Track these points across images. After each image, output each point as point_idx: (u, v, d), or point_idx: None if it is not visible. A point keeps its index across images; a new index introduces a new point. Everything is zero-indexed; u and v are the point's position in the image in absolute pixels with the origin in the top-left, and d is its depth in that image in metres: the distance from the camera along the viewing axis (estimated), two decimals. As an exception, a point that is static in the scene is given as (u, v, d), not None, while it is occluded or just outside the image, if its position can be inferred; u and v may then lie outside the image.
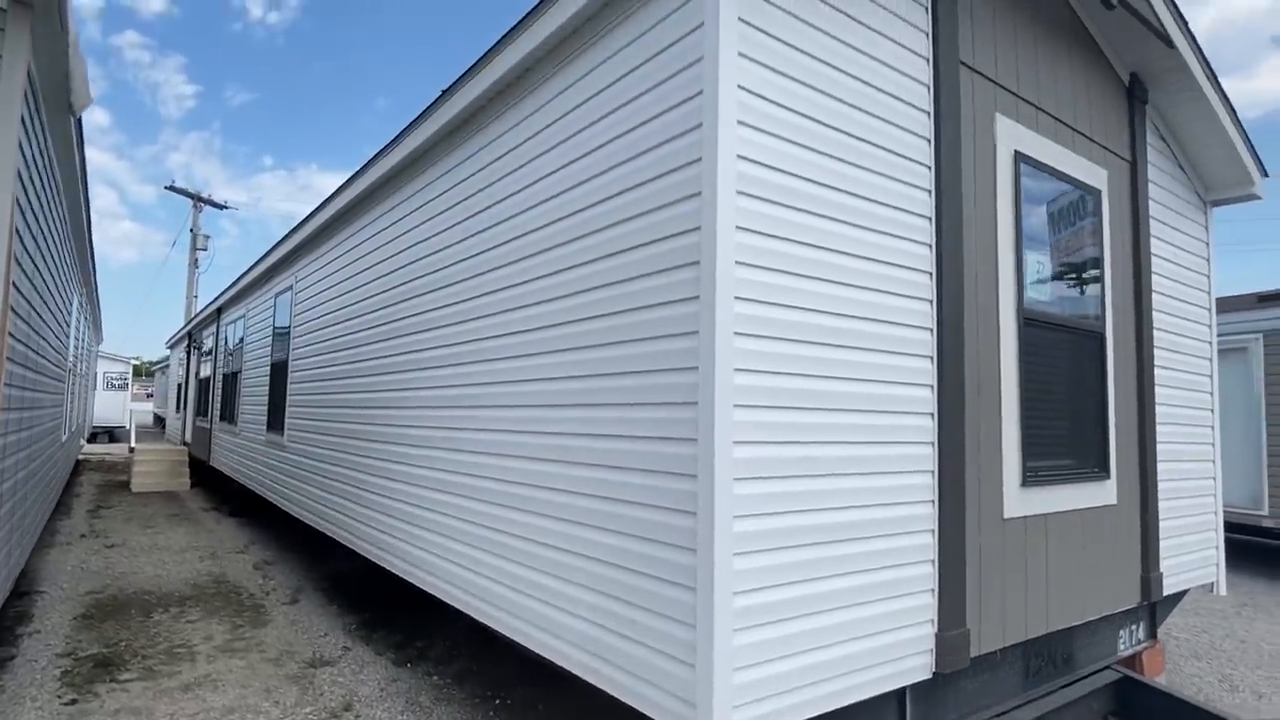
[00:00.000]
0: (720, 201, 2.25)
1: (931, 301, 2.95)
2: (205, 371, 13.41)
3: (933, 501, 2.89)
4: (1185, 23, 4.07)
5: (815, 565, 2.47)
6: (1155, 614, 4.32)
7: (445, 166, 4.22)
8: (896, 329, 2.82)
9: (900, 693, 2.79)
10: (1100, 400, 3.88)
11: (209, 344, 13.28)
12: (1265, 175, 4.96)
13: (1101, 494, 3.82)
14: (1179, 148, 4.80)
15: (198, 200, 25.83)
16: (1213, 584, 4.88)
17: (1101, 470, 3.83)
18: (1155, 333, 4.34)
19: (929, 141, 3.01)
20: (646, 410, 2.48)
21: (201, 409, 13.61)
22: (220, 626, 5.67)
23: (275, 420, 7.77)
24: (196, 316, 14.48)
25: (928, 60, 3.04)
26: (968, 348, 3.08)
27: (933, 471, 2.90)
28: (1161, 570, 4.20)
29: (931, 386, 2.92)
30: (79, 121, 4.23)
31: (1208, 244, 5.05)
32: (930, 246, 2.97)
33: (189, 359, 15.93)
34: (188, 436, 15.34)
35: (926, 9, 3.05)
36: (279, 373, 7.79)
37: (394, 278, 4.87)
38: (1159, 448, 4.28)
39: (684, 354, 2.34)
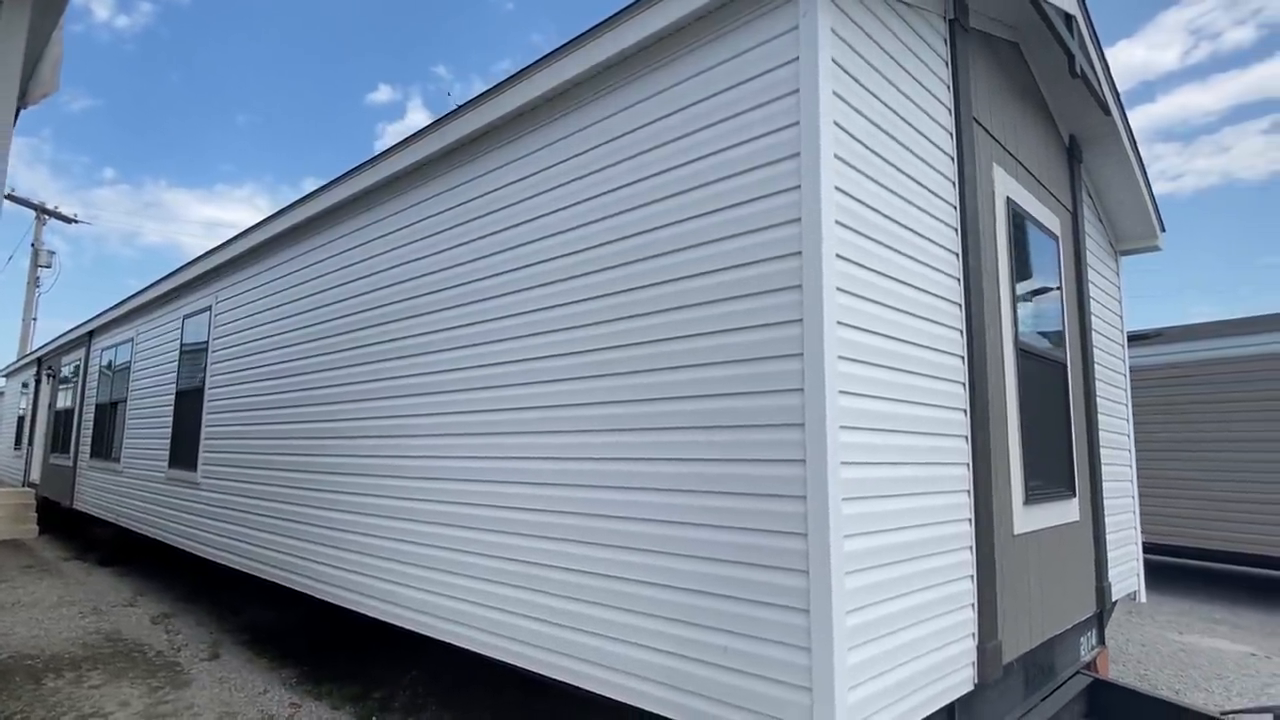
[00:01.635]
0: (824, 230, 2.33)
1: (961, 331, 3.16)
2: (65, 402, 11.90)
3: (969, 519, 3.06)
4: (1118, 95, 4.65)
5: (893, 584, 2.55)
6: (1103, 620, 4.75)
7: (447, 184, 4.07)
8: (939, 355, 2.99)
9: (951, 707, 2.90)
10: (1065, 423, 4.27)
11: (70, 369, 11.83)
12: (1163, 230, 5.70)
13: (1070, 511, 4.18)
14: (1100, 203, 5.43)
15: (41, 212, 23.12)
16: (1135, 592, 5.43)
17: (1069, 489, 4.20)
18: (1095, 365, 4.84)
19: (953, 184, 3.25)
20: (742, 433, 2.48)
21: (58, 444, 12.04)
22: (134, 690, 4.99)
23: (183, 454, 7.01)
24: (55, 341, 12.87)
25: (949, 110, 3.30)
26: (991, 373, 3.31)
27: (968, 490, 3.08)
28: (1110, 580, 4.64)
29: (965, 410, 3.12)
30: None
31: (1119, 287, 5.72)
32: (959, 280, 3.19)
33: (38, 388, 14.09)
34: (36, 476, 13.49)
35: (946, 63, 3.32)
36: (188, 402, 7.07)
37: (378, 297, 4.58)
38: (1103, 468, 4.74)
39: (787, 375, 2.37)
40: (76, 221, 24.12)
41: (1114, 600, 4.86)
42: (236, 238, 6.29)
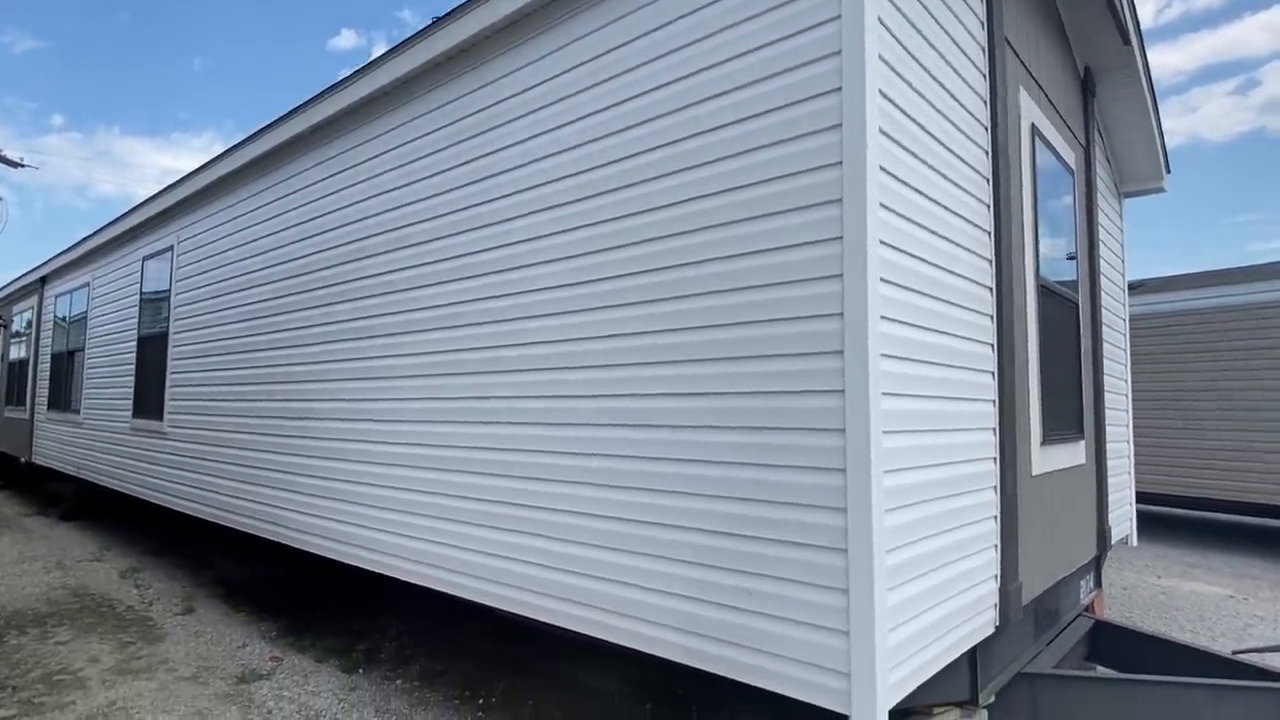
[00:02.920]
0: (867, 138, 2.10)
1: (990, 261, 2.98)
2: (19, 353, 11.34)
3: (994, 458, 2.93)
4: (1138, 24, 4.43)
5: (928, 523, 2.40)
6: (1101, 563, 4.73)
7: (438, 100, 3.74)
8: (971, 284, 2.81)
9: (973, 650, 2.80)
10: (1076, 364, 4.16)
11: (24, 321, 11.24)
12: (1169, 171, 5.56)
13: (1079, 454, 4.09)
14: (1109, 140, 5.25)
15: (-16, 155, 21.82)
16: (1127, 536, 5.43)
17: (1079, 431, 4.10)
18: (1102, 309, 4.72)
19: (985, 102, 3.03)
20: (771, 363, 2.28)
21: (14, 397, 11.51)
22: (105, 646, 4.76)
23: (148, 403, 6.66)
24: (5, 289, 12.22)
25: (982, 23, 3.06)
26: (1015, 308, 3.14)
27: (994, 429, 2.93)
28: (1110, 523, 4.60)
29: (992, 345, 2.95)
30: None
31: (1123, 231, 5.60)
32: (989, 206, 2.99)
33: (-12, 339, 13.42)
34: (-11, 431, 12.94)
35: (979, -28, 3.06)
36: (152, 348, 6.68)
37: (358, 229, 4.27)
38: (1106, 412, 4.66)
39: (825, 299, 2.17)
40: (22, 166, 22.84)
41: (1112, 543, 4.84)
42: (201, 169, 5.86)
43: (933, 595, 2.41)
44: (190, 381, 6.00)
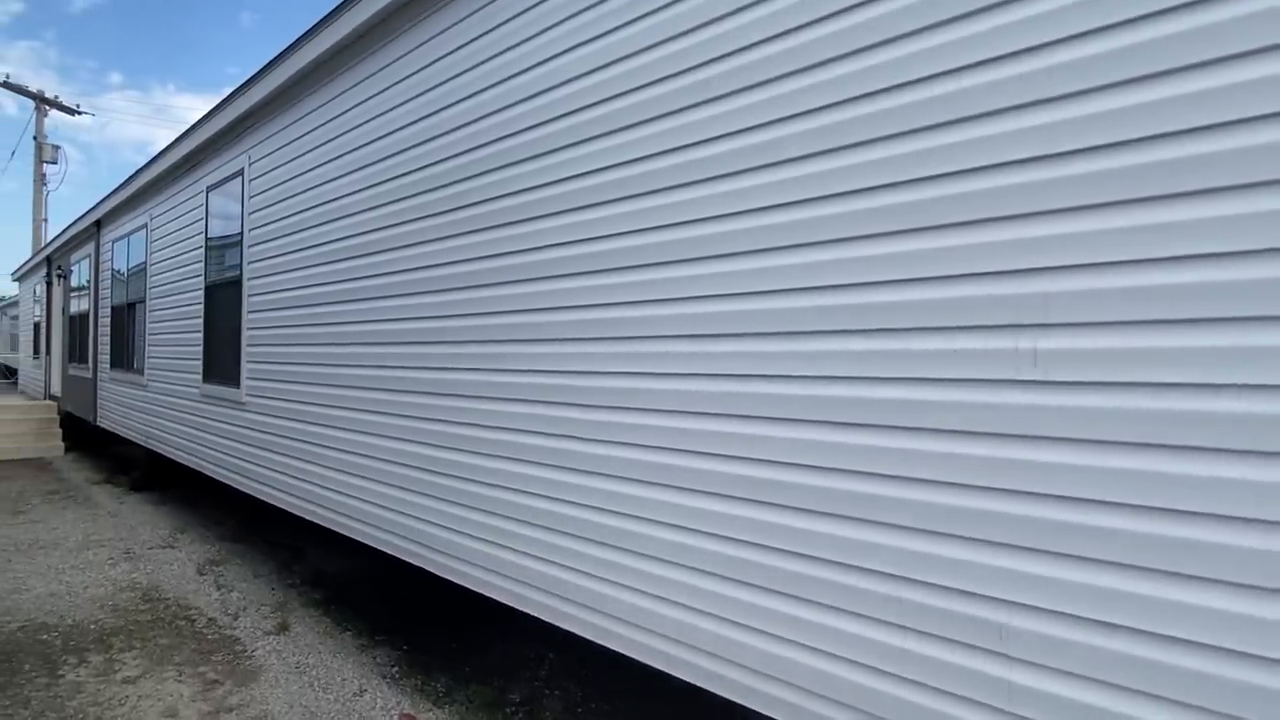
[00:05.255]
0: None
1: None
2: (81, 306, 10.44)
3: None
4: None
5: None
6: None
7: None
8: None
9: None
10: None
11: (84, 270, 10.29)
12: None
13: None
14: None
15: (41, 101, 21.16)
16: None
17: None
18: None
19: None
20: None
21: (77, 354, 10.67)
22: (184, 687, 3.63)
23: (221, 365, 5.49)
24: (60, 236, 11.31)
25: None
26: None
27: None
28: None
29: None
30: None
31: None
32: None
33: (50, 291, 12.66)
34: (56, 389, 12.24)
35: None
36: (223, 298, 5.48)
37: (523, 114, 2.85)
38: None
39: None
40: (79, 113, 22.19)
41: None
42: (275, 62, 4.49)
43: None
44: (274, 340, 4.76)
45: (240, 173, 5.21)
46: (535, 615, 2.79)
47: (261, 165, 4.94)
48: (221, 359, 5.47)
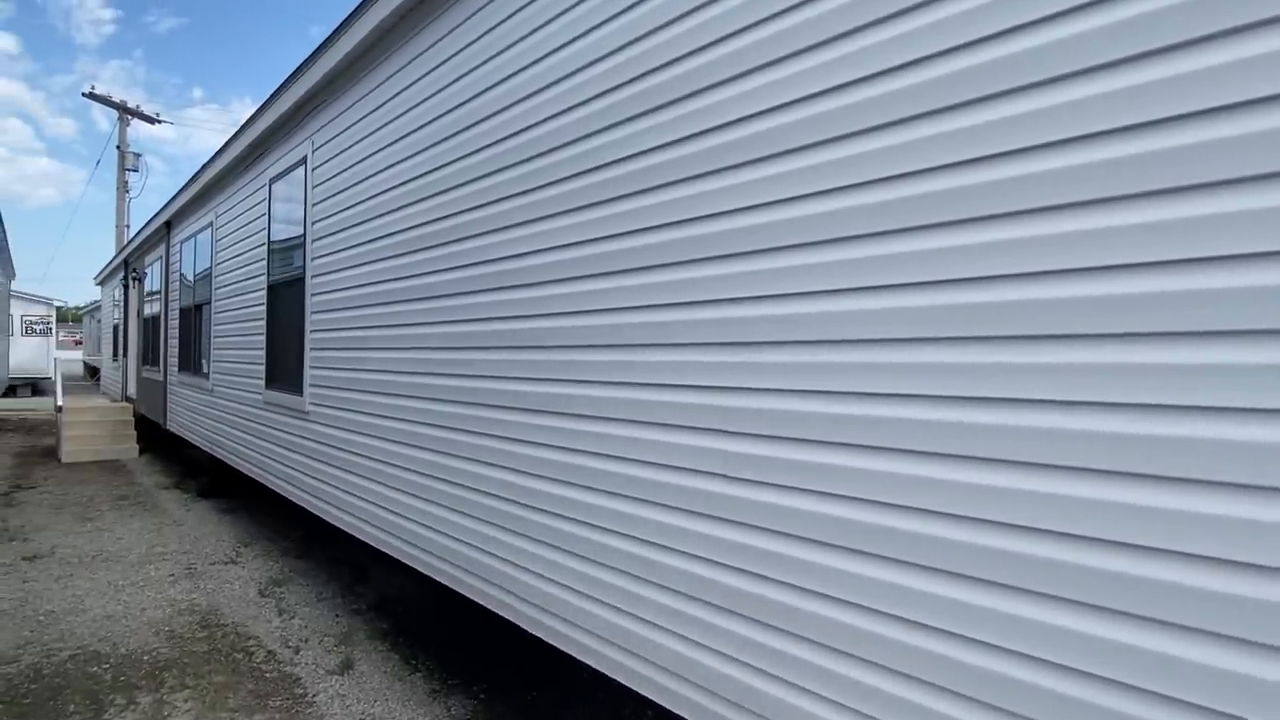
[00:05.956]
0: None
1: None
2: (154, 309, 10.40)
3: None
4: None
5: None
6: None
7: None
8: None
9: None
10: None
11: (155, 272, 10.25)
12: None
13: None
14: None
15: (124, 111, 21.83)
16: None
17: None
18: None
19: None
20: None
21: (150, 356, 10.65)
22: (238, 739, 3.17)
23: (283, 370, 5.10)
24: (135, 238, 11.35)
25: None
26: None
27: None
28: None
29: None
30: None
31: None
32: None
33: (126, 294, 12.79)
34: (132, 390, 12.34)
35: None
36: (286, 298, 5.09)
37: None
38: None
39: None
40: (159, 121, 22.83)
41: None
42: (339, 31, 4.02)
43: None
44: (339, 343, 4.31)
45: (303, 160, 4.79)
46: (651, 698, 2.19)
47: (325, 151, 4.50)
48: (284, 364, 5.07)
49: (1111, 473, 1.29)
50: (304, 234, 4.74)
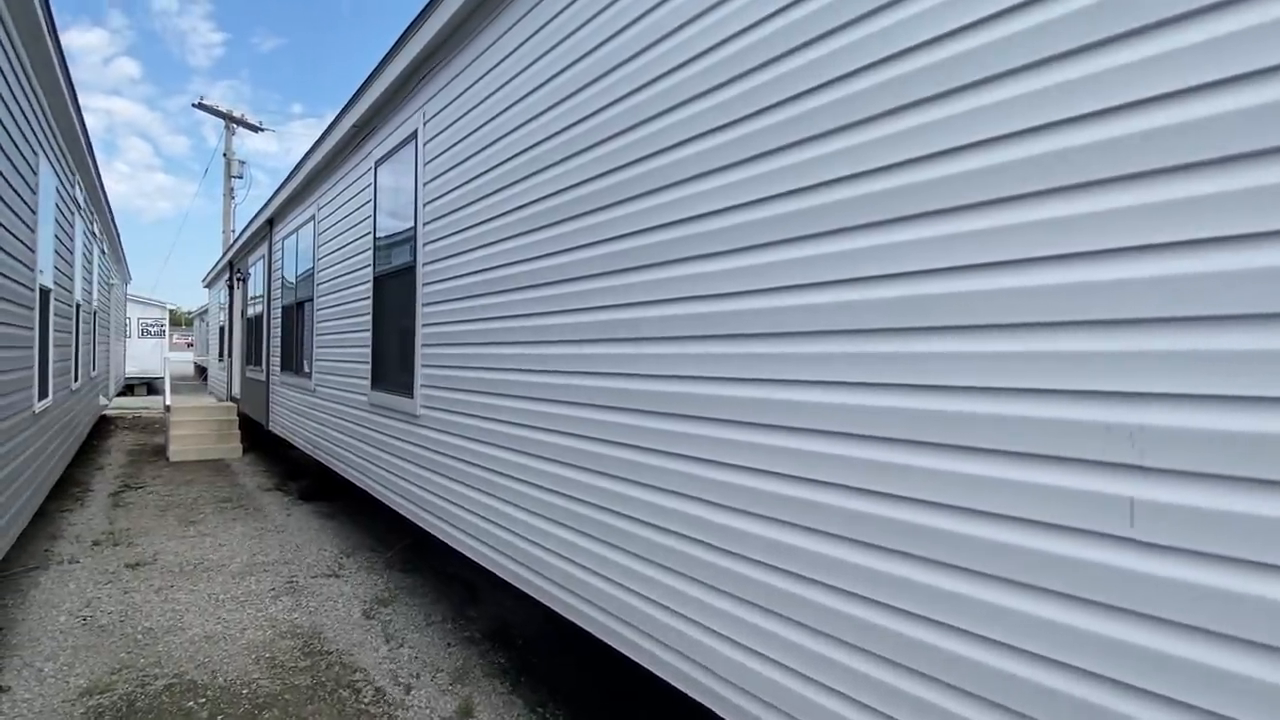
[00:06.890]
0: None
1: None
2: (257, 309, 10.37)
3: None
4: None
5: None
6: None
7: None
8: None
9: None
10: None
11: (257, 271, 10.21)
12: None
13: None
14: None
15: (229, 120, 22.66)
16: None
17: None
18: None
19: None
20: None
21: (253, 356, 10.64)
22: (347, 813, 2.63)
23: (391, 370, 4.63)
24: (239, 238, 11.42)
25: None
26: None
27: None
28: None
29: None
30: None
31: None
32: None
33: (231, 295, 12.96)
34: (236, 390, 12.47)
35: None
36: (394, 290, 4.62)
37: None
38: None
39: None
40: (261, 129, 23.60)
41: None
42: (458, -24, 3.47)
43: None
44: (454, 339, 3.77)
45: (413, 135, 4.29)
46: None
47: (439, 121, 3.98)
48: (393, 363, 4.59)
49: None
50: (414, 217, 4.24)
